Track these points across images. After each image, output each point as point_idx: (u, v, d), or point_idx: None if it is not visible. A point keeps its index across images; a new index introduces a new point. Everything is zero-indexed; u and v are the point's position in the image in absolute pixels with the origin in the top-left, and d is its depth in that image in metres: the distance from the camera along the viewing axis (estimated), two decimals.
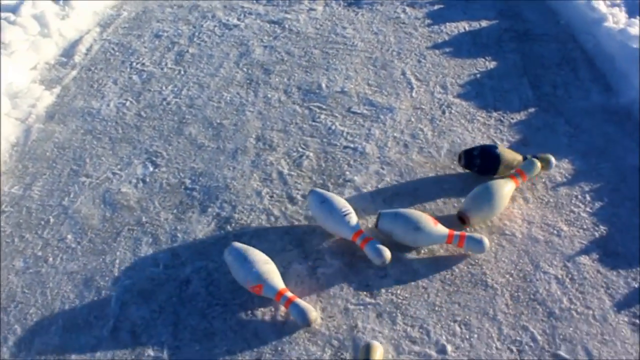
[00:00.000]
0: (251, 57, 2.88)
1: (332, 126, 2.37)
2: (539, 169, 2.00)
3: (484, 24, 3.05)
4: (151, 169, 2.21)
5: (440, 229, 1.77)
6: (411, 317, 1.62)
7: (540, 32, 2.97)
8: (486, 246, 1.74)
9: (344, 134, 2.32)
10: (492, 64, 2.71)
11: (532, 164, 1.99)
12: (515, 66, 2.69)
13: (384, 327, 1.60)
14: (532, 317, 1.61)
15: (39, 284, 1.79)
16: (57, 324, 1.67)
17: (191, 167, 2.21)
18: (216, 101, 2.57)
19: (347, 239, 1.79)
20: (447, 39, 2.94)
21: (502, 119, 2.37)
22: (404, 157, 2.19)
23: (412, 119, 2.38)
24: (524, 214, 1.93)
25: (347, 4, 3.32)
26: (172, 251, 1.87)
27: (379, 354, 1.48)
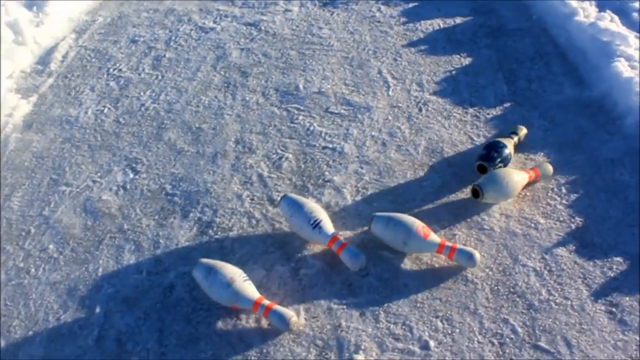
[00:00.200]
0: (228, 60, 2.88)
1: (311, 127, 2.38)
2: (551, 171, 2.06)
3: (458, 20, 3.08)
4: (131, 176, 2.21)
5: (430, 240, 1.77)
6: (394, 315, 1.65)
7: (513, 27, 3.01)
8: (477, 261, 1.74)
9: (323, 135, 2.34)
10: (467, 60, 2.74)
11: (546, 165, 2.07)
12: (490, 62, 2.72)
13: (367, 325, 1.62)
14: (512, 309, 1.64)
15: (22, 296, 1.79)
16: (42, 335, 1.67)
17: (171, 173, 2.21)
18: (194, 105, 2.57)
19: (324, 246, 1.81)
20: (422, 36, 2.96)
21: (478, 114, 2.40)
22: (382, 155, 2.21)
23: (390, 118, 2.41)
24: (502, 208, 1.96)
25: (323, 4, 3.33)
26: (155, 257, 1.88)
27: None
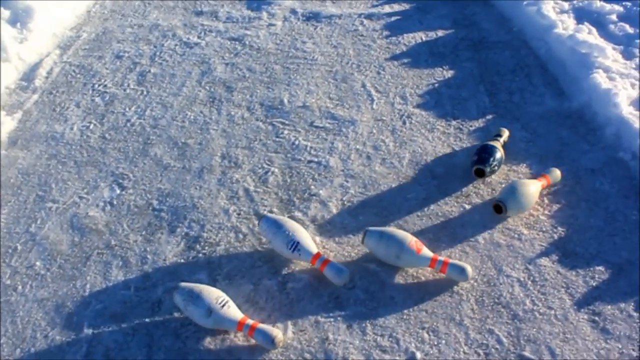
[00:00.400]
0: (213, 75, 2.90)
1: (296, 141, 2.41)
2: (559, 176, 2.11)
3: (440, 33, 3.13)
4: (118, 192, 2.22)
5: (423, 255, 1.78)
6: (380, 327, 1.67)
7: (494, 39, 3.06)
8: (469, 275, 1.76)
9: (308, 149, 2.36)
10: (450, 73, 2.79)
11: (554, 170, 2.11)
12: (471, 74, 2.77)
13: (355, 337, 1.64)
14: (497, 320, 1.67)
15: (9, 313, 1.79)
16: (29, 353, 1.67)
17: (158, 188, 2.22)
18: (180, 120, 2.59)
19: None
20: (404, 49, 3.00)
21: (461, 127, 2.43)
22: (367, 168, 2.24)
23: (374, 131, 2.44)
24: (486, 219, 1.99)
25: (306, 18, 3.37)
26: (142, 273, 1.88)
27: None
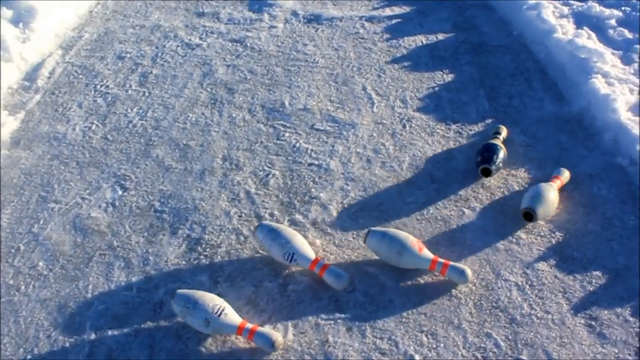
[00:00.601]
0: (215, 77, 2.92)
1: (297, 144, 2.42)
2: (569, 176, 2.14)
3: (441, 36, 3.14)
4: (120, 193, 2.24)
5: (424, 255, 1.81)
6: (380, 330, 1.69)
7: (494, 43, 3.07)
8: (469, 277, 1.78)
9: (308, 151, 2.38)
10: (450, 77, 2.80)
11: (565, 172, 2.15)
12: (471, 78, 2.79)
13: (354, 340, 1.66)
14: (495, 324, 1.69)
15: (12, 313, 1.80)
16: (32, 353, 1.69)
17: (160, 190, 2.24)
18: (182, 122, 2.61)
19: None
20: (405, 52, 3.02)
21: (460, 131, 2.45)
22: (367, 172, 2.26)
23: (374, 134, 2.45)
24: (485, 223, 2.01)
25: (307, 20, 3.38)
26: (144, 274, 1.90)
27: None
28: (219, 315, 1.64)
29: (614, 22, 3.10)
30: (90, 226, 2.10)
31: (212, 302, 1.67)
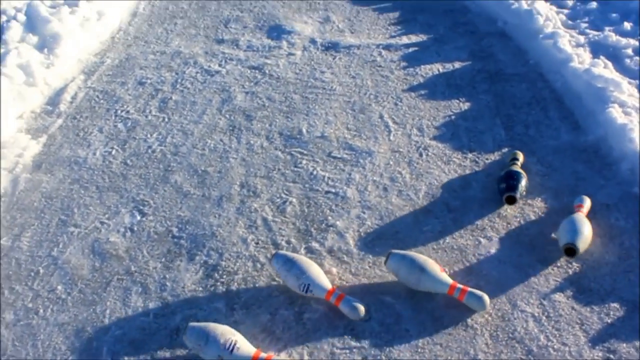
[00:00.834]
0: (233, 104, 2.96)
1: (314, 171, 2.44)
2: (590, 205, 2.14)
3: (457, 65, 3.17)
4: (139, 218, 2.26)
5: (443, 279, 1.82)
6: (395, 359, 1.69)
7: (511, 72, 3.09)
8: (487, 304, 1.79)
9: (325, 179, 2.40)
10: (466, 105, 2.82)
11: (586, 198, 2.15)
12: (488, 107, 2.80)
13: None
14: (511, 355, 1.68)
15: (30, 336, 1.82)
16: None
17: (178, 215, 2.26)
18: (200, 148, 2.64)
19: None
20: (422, 81, 3.05)
21: (477, 159, 2.46)
22: (383, 200, 2.27)
23: (391, 162, 2.47)
24: (501, 253, 2.01)
25: (325, 48, 3.42)
26: (161, 300, 1.92)
27: None
28: (232, 350, 1.64)
29: (630, 51, 3.11)
30: (108, 251, 2.12)
31: (223, 337, 1.67)
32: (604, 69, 2.88)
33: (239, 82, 3.15)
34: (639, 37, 3.24)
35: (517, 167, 2.28)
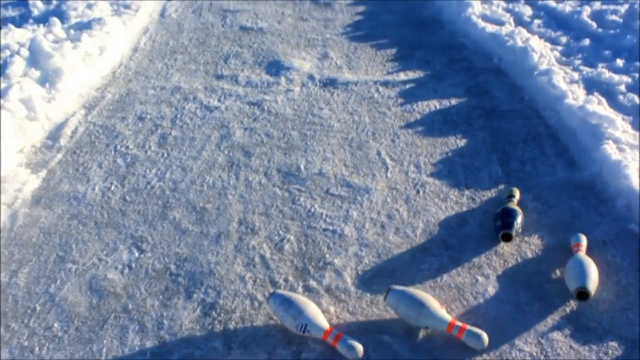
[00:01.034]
0: (232, 140, 2.98)
1: (312, 208, 2.46)
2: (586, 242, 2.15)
3: (454, 101, 3.21)
4: (137, 254, 2.27)
5: (443, 316, 1.82)
6: None
7: (506, 108, 3.13)
8: (485, 342, 1.78)
9: (323, 216, 2.41)
10: (463, 142, 2.85)
11: (582, 237, 2.16)
12: (484, 143, 2.83)
13: None
14: None
15: None
16: None
17: (176, 252, 2.27)
18: (199, 184, 2.65)
19: None
20: (419, 117, 3.08)
21: (473, 197, 2.48)
22: (381, 238, 2.28)
23: (388, 200, 2.49)
24: (498, 291, 2.01)
25: (323, 84, 3.47)
26: (158, 338, 1.91)
27: None
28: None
29: (623, 87, 3.17)
30: (106, 288, 2.12)
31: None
32: (598, 106, 2.92)
33: (237, 118, 3.18)
34: (632, 74, 3.29)
35: (513, 204, 2.30)
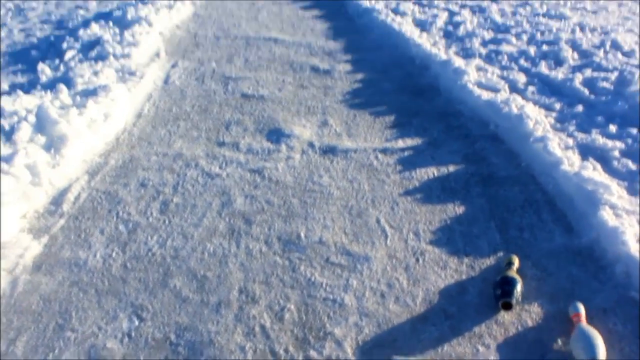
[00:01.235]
0: (233, 207, 3.01)
1: (312, 277, 2.47)
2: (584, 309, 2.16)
3: (452, 168, 3.26)
4: (137, 323, 2.26)
5: None
6: None
7: (504, 174, 3.18)
8: None
9: (323, 285, 2.41)
10: (461, 209, 2.88)
11: (580, 306, 2.17)
12: (482, 210, 2.86)
13: None
14: None
15: None
16: None
17: (176, 321, 2.27)
18: (200, 252, 2.67)
19: None
20: (417, 185, 3.12)
21: (472, 264, 2.49)
22: (381, 307, 2.28)
23: (388, 268, 2.50)
24: None
25: (323, 151, 3.52)
26: None
27: None
28: None
29: (617, 153, 3.23)
30: (105, 357, 2.11)
31: None
32: (594, 172, 2.97)
33: (238, 185, 3.22)
34: (625, 139, 3.36)
35: (512, 272, 2.32)
